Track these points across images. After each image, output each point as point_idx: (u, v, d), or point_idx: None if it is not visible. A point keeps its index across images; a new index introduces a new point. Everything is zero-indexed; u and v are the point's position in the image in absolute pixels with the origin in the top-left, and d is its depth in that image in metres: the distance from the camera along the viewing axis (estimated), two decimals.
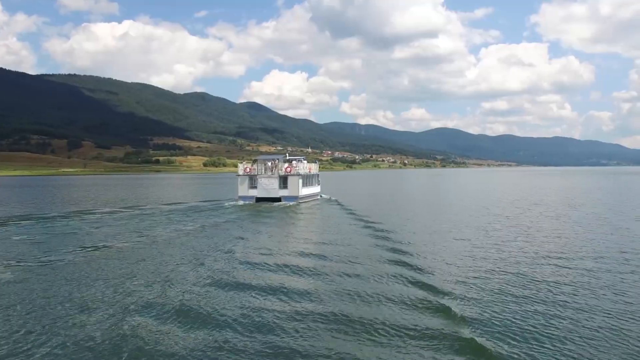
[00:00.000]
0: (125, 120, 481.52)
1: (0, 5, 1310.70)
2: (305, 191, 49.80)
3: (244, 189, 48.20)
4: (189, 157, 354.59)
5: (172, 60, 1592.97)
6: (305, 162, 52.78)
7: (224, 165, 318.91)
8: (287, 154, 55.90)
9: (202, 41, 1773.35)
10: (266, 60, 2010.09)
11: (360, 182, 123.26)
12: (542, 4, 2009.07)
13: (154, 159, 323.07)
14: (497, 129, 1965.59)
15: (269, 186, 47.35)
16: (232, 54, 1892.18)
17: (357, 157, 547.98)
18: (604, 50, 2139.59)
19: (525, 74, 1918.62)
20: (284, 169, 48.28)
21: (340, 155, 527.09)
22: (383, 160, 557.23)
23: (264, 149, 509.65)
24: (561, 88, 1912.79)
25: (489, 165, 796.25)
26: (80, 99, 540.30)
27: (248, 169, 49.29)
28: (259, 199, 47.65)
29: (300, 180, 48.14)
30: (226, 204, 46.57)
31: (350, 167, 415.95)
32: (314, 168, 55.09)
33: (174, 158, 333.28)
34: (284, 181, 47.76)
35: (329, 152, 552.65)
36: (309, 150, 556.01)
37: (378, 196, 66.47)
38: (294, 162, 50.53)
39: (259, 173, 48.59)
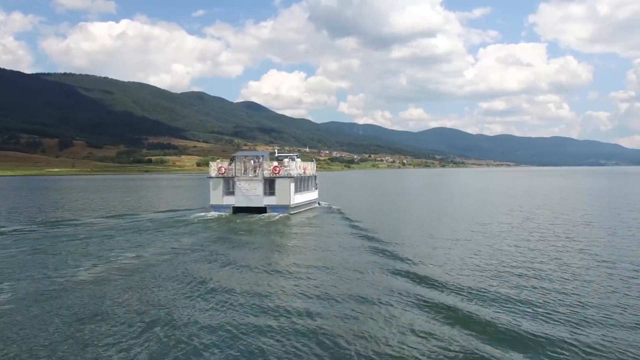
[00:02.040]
0: (121, 120, 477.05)
1: None
2: (298, 198, 39.42)
3: (217, 196, 37.81)
4: (182, 156, 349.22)
5: (170, 59, 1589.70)
6: (298, 160, 42.42)
7: None
8: (276, 151, 45.68)
9: (200, 41, 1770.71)
10: (264, 60, 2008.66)
11: (361, 184, 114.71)
12: (540, 3, 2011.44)
13: (146, 158, 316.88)
14: (495, 129, 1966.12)
15: (250, 192, 37.12)
16: (230, 53, 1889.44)
17: (355, 156, 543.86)
18: (602, 50, 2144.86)
19: (523, 74, 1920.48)
20: (270, 170, 37.83)
21: (338, 155, 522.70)
22: (382, 160, 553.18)
23: (261, 148, 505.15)
24: (559, 88, 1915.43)
25: (487, 165, 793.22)
26: (76, 99, 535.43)
27: (223, 169, 38.29)
28: (238, 210, 37.42)
29: (292, 184, 37.71)
30: (194, 215, 36.25)
31: (349, 167, 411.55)
32: (309, 168, 44.15)
33: (166, 158, 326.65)
34: (270, 185, 37.50)
35: (327, 152, 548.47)
36: (307, 149, 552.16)
37: (384, 201, 57.81)
38: (285, 160, 40.50)
39: (238, 174, 37.85)
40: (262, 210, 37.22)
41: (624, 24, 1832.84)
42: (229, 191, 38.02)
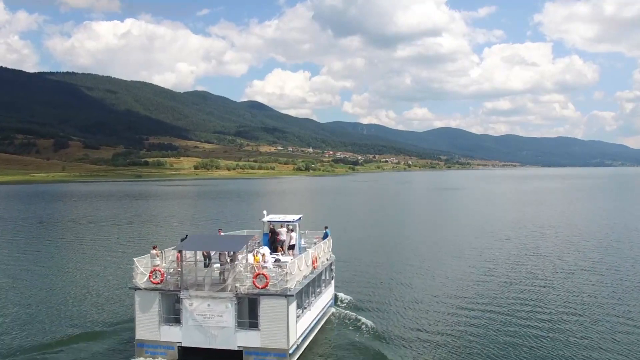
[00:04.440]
0: (122, 119, 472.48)
1: (1, 3, 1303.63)
2: (302, 324, 20.81)
3: (148, 325, 19.82)
4: (181, 158, 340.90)
5: (175, 58, 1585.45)
6: (293, 234, 24.17)
7: (217, 168, 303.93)
8: (264, 214, 25.57)
9: (205, 40, 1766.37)
10: (268, 59, 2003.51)
11: (372, 206, 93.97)
12: (545, 2, 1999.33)
13: (143, 160, 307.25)
14: (499, 128, 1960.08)
15: (210, 320, 19.32)
16: (234, 52, 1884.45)
17: (359, 157, 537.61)
18: (608, 49, 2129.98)
19: (528, 74, 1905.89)
20: (251, 278, 19.26)
21: (342, 156, 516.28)
22: (386, 161, 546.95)
23: (264, 148, 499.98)
24: (564, 88, 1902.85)
25: (493, 165, 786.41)
26: (78, 98, 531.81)
27: (160, 274, 19.84)
28: (188, 352, 19.63)
29: (292, 307, 19.47)
30: None
31: (353, 169, 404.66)
32: (323, 253, 24.52)
33: (164, 160, 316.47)
34: (250, 309, 19.75)
35: (331, 153, 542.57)
36: (310, 150, 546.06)
37: (430, 264, 38.22)
38: (280, 231, 24.09)
39: (189, 283, 19.70)
40: (234, 356, 19.04)
41: (629, 23, 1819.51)
42: (172, 316, 19.93)
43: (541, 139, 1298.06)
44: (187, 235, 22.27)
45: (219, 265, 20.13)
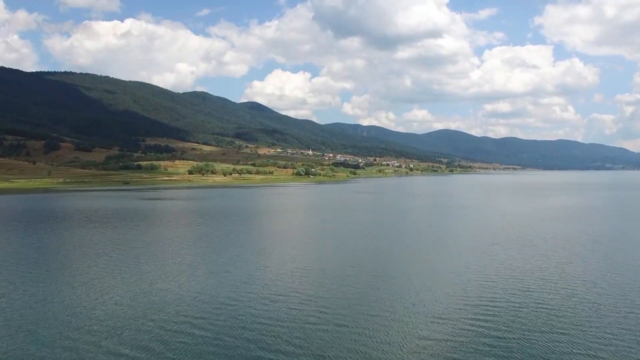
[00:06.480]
0: (119, 120, 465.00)
1: (1, 2, 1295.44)
2: None
3: None
4: (176, 161, 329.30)
5: (174, 59, 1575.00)
6: None
7: (212, 172, 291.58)
8: None
9: (205, 40, 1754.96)
10: (268, 59, 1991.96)
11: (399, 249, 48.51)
12: (546, 5, 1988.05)
13: (136, 164, 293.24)
14: (499, 131, 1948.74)
15: None
16: (234, 53, 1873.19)
17: (360, 160, 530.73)
18: (608, 52, 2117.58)
19: (529, 76, 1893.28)
20: None
21: (342, 159, 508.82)
22: (388, 164, 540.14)
23: (263, 150, 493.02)
24: (565, 90, 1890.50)
25: (494, 169, 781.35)
26: (76, 98, 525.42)
27: None
28: None
29: None
30: None
31: (354, 173, 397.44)
32: None
33: (158, 163, 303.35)
34: None
35: (331, 155, 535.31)
36: (310, 152, 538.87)
37: None
38: None
39: None
40: None
41: (630, 26, 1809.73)
42: None
43: (541, 142, 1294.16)
44: None
45: None
